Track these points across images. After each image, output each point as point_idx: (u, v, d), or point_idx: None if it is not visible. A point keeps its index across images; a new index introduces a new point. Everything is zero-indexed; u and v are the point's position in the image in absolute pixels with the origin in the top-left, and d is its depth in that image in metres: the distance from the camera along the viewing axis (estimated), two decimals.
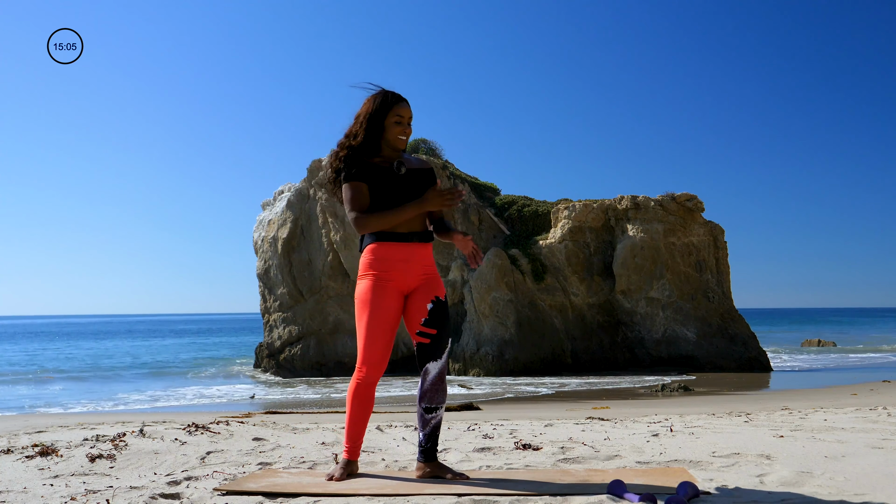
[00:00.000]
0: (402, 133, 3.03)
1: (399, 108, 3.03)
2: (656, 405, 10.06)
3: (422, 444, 3.07)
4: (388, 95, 3.05)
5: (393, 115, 3.02)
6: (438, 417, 3.06)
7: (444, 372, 3.07)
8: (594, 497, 2.61)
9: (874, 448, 3.63)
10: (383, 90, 3.08)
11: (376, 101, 3.04)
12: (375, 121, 3.02)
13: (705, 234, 20.80)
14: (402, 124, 3.03)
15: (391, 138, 3.04)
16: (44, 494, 2.84)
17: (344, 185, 3.01)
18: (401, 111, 3.03)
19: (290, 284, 22.35)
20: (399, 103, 3.04)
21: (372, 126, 3.02)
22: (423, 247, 3.05)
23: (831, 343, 34.26)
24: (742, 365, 19.65)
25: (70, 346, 42.60)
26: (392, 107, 3.03)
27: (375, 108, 3.02)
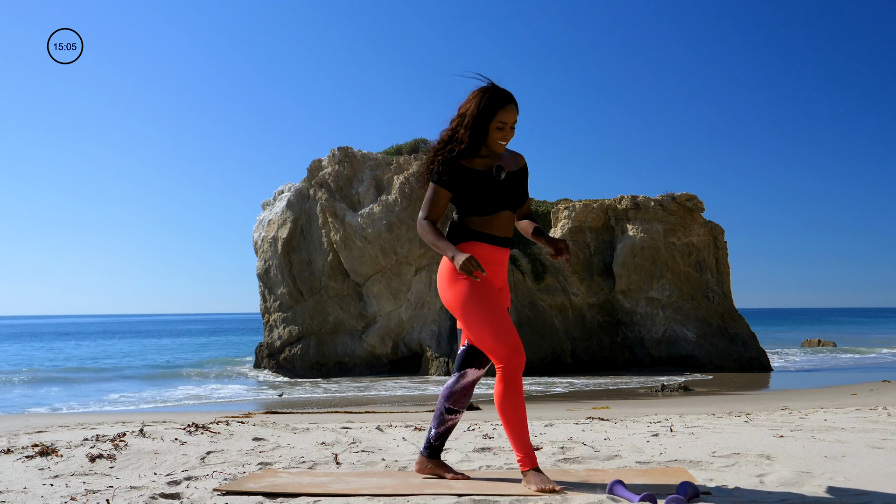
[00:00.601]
0: (502, 139, 2.89)
1: (504, 113, 2.86)
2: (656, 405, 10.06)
3: (430, 441, 3.05)
4: (495, 97, 2.87)
5: (496, 121, 2.86)
6: (456, 421, 3.04)
7: (478, 380, 3.03)
8: (594, 497, 2.61)
9: (874, 448, 3.63)
10: (490, 89, 2.89)
11: (482, 101, 2.86)
12: (479, 124, 2.87)
13: (705, 234, 20.80)
14: (505, 130, 2.88)
15: (491, 142, 2.90)
16: (44, 494, 2.84)
17: (430, 185, 2.93)
18: (505, 117, 2.86)
19: (290, 284, 22.36)
20: (505, 107, 2.86)
21: (474, 130, 2.87)
22: (507, 252, 3.03)
23: (831, 343, 34.25)
24: (742, 365, 19.65)
25: (70, 346, 42.60)
26: (497, 111, 2.85)
27: (480, 110, 2.86)
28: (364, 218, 20.94)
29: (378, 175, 21.51)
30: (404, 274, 21.07)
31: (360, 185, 21.59)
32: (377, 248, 20.80)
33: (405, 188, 20.72)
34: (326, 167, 22.04)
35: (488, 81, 2.92)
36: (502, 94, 2.88)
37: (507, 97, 2.89)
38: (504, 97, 2.88)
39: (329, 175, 21.77)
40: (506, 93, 2.90)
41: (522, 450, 2.84)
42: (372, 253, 20.90)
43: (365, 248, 20.94)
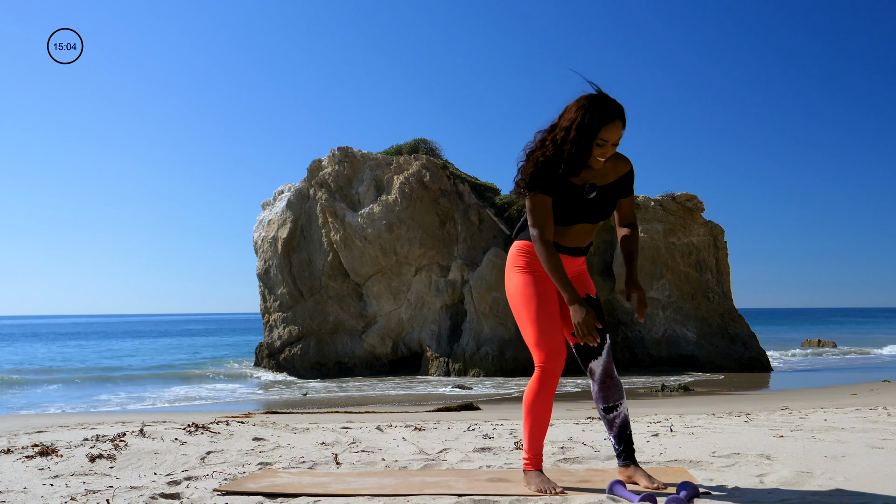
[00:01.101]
0: (601, 155, 2.69)
1: (608, 130, 2.64)
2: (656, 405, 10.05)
3: (615, 448, 2.88)
4: (602, 110, 2.64)
5: (598, 138, 2.65)
6: (622, 415, 2.84)
7: (611, 368, 2.85)
8: (594, 497, 2.61)
9: (874, 448, 3.63)
10: (598, 99, 2.66)
11: (587, 114, 2.64)
12: (581, 137, 2.66)
13: (705, 234, 20.80)
14: (605, 147, 2.67)
15: (591, 161, 2.73)
16: (44, 494, 2.84)
17: (528, 195, 2.74)
18: (608, 134, 2.64)
19: (290, 284, 22.35)
20: (610, 123, 2.64)
21: (575, 142, 2.67)
22: (580, 260, 2.93)
23: (831, 343, 34.24)
24: (742, 365, 19.65)
25: (70, 346, 42.60)
26: (601, 127, 2.63)
27: (585, 123, 2.64)
28: (364, 218, 20.93)
29: (378, 175, 21.50)
30: (404, 274, 21.06)
31: (360, 185, 21.59)
32: (377, 248, 20.80)
33: (405, 188, 20.72)
34: (326, 167, 22.04)
35: (596, 89, 2.70)
36: (608, 109, 2.65)
37: (614, 112, 2.65)
38: (610, 112, 2.64)
39: (329, 175, 21.77)
40: (613, 106, 2.66)
41: (532, 451, 2.83)
42: (372, 253, 20.90)
43: (365, 248, 20.93)
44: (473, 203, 21.50)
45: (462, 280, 20.33)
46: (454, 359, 19.89)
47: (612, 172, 2.82)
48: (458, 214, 21.17)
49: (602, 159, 2.71)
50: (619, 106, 2.67)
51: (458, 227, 21.08)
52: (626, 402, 2.88)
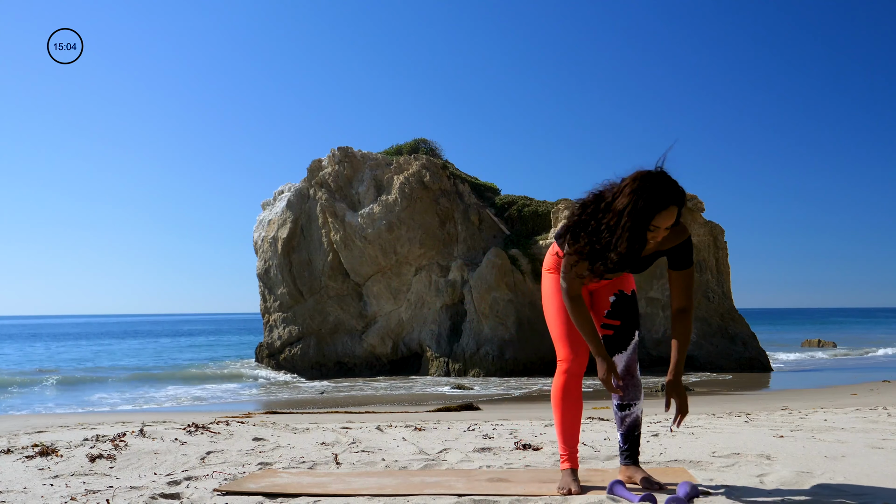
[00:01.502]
0: (651, 239, 2.55)
1: (661, 217, 2.48)
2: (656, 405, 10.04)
3: (620, 446, 2.89)
4: (658, 197, 2.46)
5: (651, 224, 2.50)
6: (633, 416, 2.84)
7: (634, 366, 2.84)
8: (594, 497, 2.61)
9: (874, 448, 3.63)
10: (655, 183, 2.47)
11: (641, 201, 2.46)
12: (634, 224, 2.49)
13: (705, 234, 20.80)
14: (657, 231, 2.53)
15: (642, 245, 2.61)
16: (44, 494, 2.84)
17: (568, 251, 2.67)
18: (661, 220, 2.49)
19: (290, 284, 22.35)
20: (664, 210, 2.47)
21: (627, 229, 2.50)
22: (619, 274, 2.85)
23: (831, 343, 34.24)
24: (742, 365, 19.65)
25: (70, 346, 42.58)
26: (654, 215, 2.47)
27: (638, 209, 2.47)
28: (364, 218, 20.93)
29: (378, 175, 21.50)
30: (404, 274, 21.06)
31: (360, 185, 21.58)
32: (377, 248, 20.79)
33: (405, 188, 20.71)
34: (326, 167, 22.03)
35: (657, 167, 2.53)
36: (665, 195, 2.47)
37: (668, 199, 2.47)
38: (665, 199, 2.46)
39: (329, 175, 21.76)
40: (670, 192, 2.48)
41: (564, 449, 2.82)
42: (372, 253, 20.89)
43: (365, 248, 20.93)
44: (473, 203, 21.50)
45: (462, 280, 20.33)
46: (454, 359, 19.89)
47: (657, 245, 2.67)
48: (458, 214, 21.17)
49: (652, 242, 2.58)
50: (677, 190, 2.50)
51: (458, 227, 21.08)
52: (642, 403, 2.88)
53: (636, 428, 2.86)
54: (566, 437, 2.81)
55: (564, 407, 2.79)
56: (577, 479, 2.76)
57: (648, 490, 2.72)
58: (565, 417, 2.80)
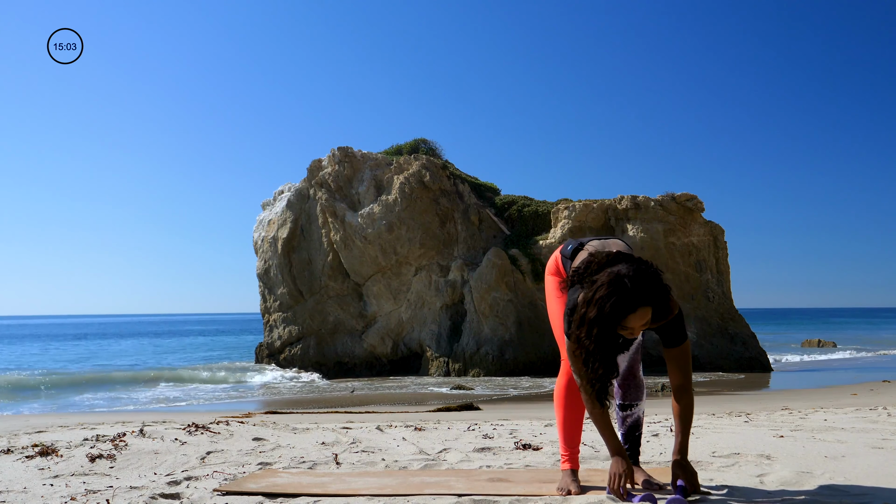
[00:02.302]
0: (629, 335, 2.47)
1: (632, 319, 2.38)
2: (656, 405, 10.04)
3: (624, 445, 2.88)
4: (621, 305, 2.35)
5: (621, 326, 2.41)
6: (634, 416, 2.83)
7: (636, 366, 2.81)
8: (594, 497, 2.61)
9: (874, 448, 3.63)
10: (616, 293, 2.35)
11: (605, 309, 2.37)
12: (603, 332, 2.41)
13: (705, 234, 20.80)
14: (632, 331, 2.43)
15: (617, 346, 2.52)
16: (44, 494, 2.84)
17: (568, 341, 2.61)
18: (632, 322, 2.39)
19: (290, 284, 22.35)
20: (633, 314, 2.37)
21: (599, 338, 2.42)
22: None
23: (831, 343, 34.24)
24: (742, 365, 19.65)
25: (70, 346, 42.59)
26: (623, 318, 2.38)
27: (604, 316, 2.38)
28: (364, 218, 20.93)
29: (378, 175, 21.50)
30: (404, 274, 21.06)
31: (360, 185, 21.58)
32: (377, 248, 20.79)
33: (405, 188, 20.72)
34: (326, 167, 22.03)
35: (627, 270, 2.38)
36: (629, 300, 2.35)
37: (636, 301, 2.35)
38: (631, 302, 2.35)
39: (329, 175, 21.76)
40: (635, 295, 2.35)
41: (565, 450, 2.81)
42: (372, 253, 20.89)
43: (365, 248, 20.93)
44: (473, 203, 21.49)
45: (462, 280, 20.33)
46: (454, 359, 19.89)
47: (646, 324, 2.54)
48: (458, 214, 21.16)
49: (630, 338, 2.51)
50: (651, 291, 2.36)
51: (458, 227, 21.08)
52: (644, 404, 2.87)
53: (637, 428, 2.86)
54: (567, 437, 2.80)
55: (566, 407, 2.78)
56: (577, 480, 2.76)
57: (649, 491, 2.71)
58: (567, 418, 2.79)
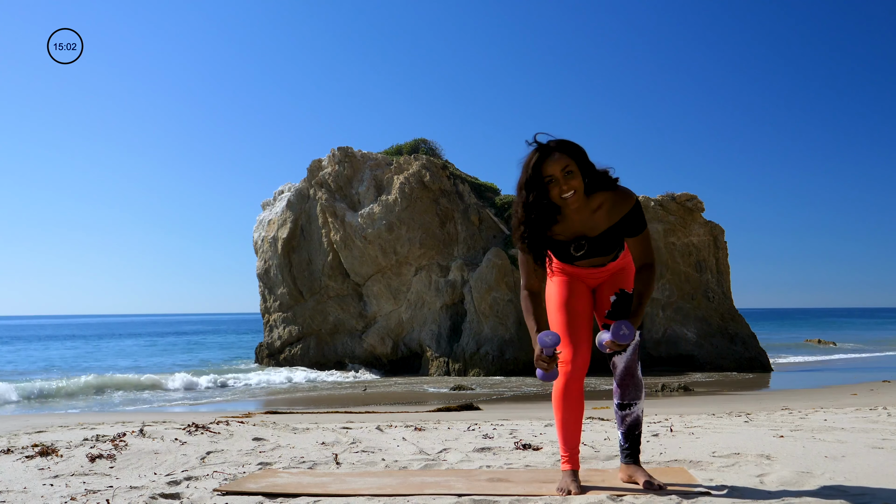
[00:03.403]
0: (559, 193, 2.62)
1: (547, 166, 2.60)
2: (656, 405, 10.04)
3: (621, 444, 2.92)
4: (529, 160, 2.64)
5: (545, 180, 2.62)
6: (633, 415, 2.84)
7: (633, 366, 2.83)
8: (594, 497, 2.61)
9: (874, 448, 3.63)
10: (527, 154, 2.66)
11: (522, 172, 2.66)
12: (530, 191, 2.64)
13: (705, 234, 20.80)
14: (556, 182, 2.61)
15: (557, 203, 2.66)
16: (44, 494, 2.84)
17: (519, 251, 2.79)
18: (547, 170, 2.61)
19: (290, 284, 22.35)
20: (543, 163, 2.61)
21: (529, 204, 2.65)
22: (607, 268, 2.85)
23: (831, 343, 34.25)
24: (742, 365, 19.64)
25: (70, 346, 42.59)
26: (539, 171, 2.62)
27: (525, 180, 2.65)
28: (364, 218, 20.93)
29: (378, 175, 21.50)
30: (404, 274, 21.06)
31: (360, 185, 21.58)
32: (377, 248, 20.79)
33: (405, 188, 20.72)
34: (326, 167, 22.03)
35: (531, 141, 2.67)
36: (535, 152, 2.63)
37: (542, 150, 2.62)
38: (537, 152, 2.62)
39: (329, 175, 21.76)
40: (539, 147, 2.63)
41: (565, 450, 2.83)
42: (372, 253, 20.89)
43: (365, 248, 20.93)
44: (473, 203, 21.50)
45: (462, 280, 20.33)
46: (454, 359, 19.89)
47: (606, 219, 2.71)
48: (458, 214, 21.16)
49: (566, 197, 2.61)
50: (548, 143, 2.63)
51: (458, 227, 21.08)
52: (643, 403, 2.88)
53: (636, 427, 2.86)
54: (566, 437, 2.81)
55: (565, 407, 2.79)
56: (577, 480, 2.76)
57: (649, 491, 2.72)
58: (565, 418, 2.80)
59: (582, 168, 2.64)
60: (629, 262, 2.89)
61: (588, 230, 2.73)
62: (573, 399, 2.78)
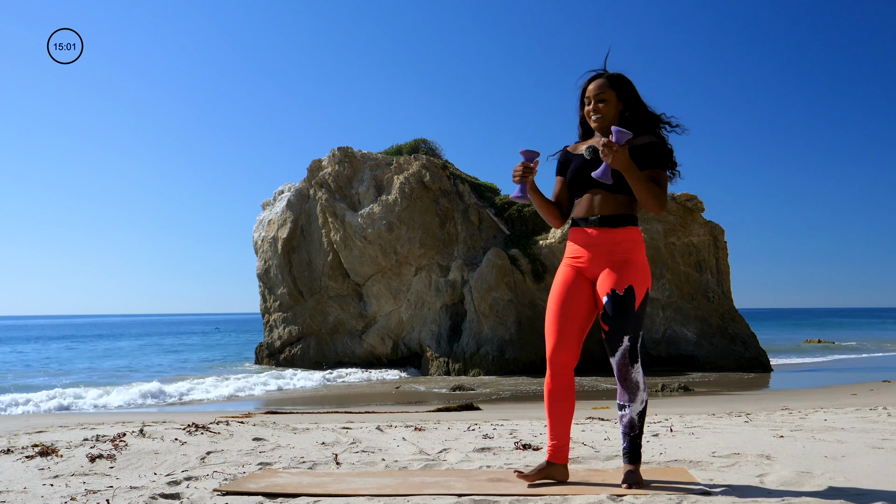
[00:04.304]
0: (588, 113, 2.93)
1: (586, 88, 2.95)
2: (656, 405, 10.05)
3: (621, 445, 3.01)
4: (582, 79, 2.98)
5: (584, 99, 2.97)
6: (627, 417, 2.83)
7: (625, 369, 2.81)
8: (594, 497, 2.62)
9: (874, 448, 3.63)
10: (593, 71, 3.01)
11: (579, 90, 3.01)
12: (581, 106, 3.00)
13: (705, 234, 20.80)
14: (591, 104, 2.92)
15: (589, 122, 2.96)
16: (44, 494, 2.84)
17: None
18: (587, 92, 2.94)
19: (290, 284, 22.35)
20: (586, 84, 2.96)
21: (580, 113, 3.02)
22: (609, 232, 2.84)
23: (831, 343, 34.25)
24: (742, 365, 19.64)
25: (69, 346, 42.59)
26: (582, 91, 2.97)
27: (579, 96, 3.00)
28: (364, 218, 20.93)
29: (378, 175, 21.50)
30: (404, 274, 21.06)
31: (360, 185, 21.58)
32: (377, 248, 20.79)
33: (405, 188, 20.72)
34: (326, 167, 22.03)
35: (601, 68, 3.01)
36: (586, 74, 2.96)
37: (587, 74, 2.96)
38: (585, 76, 2.96)
39: (329, 175, 21.77)
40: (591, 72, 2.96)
41: (550, 441, 2.91)
42: (372, 253, 20.89)
43: (365, 248, 20.93)
44: (473, 203, 21.49)
45: (462, 280, 20.33)
46: (454, 359, 19.89)
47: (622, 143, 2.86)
48: (458, 214, 21.16)
49: (593, 116, 2.89)
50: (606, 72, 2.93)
51: (458, 227, 21.08)
52: (639, 406, 2.83)
53: (631, 429, 2.85)
54: (553, 429, 2.91)
55: (550, 401, 2.89)
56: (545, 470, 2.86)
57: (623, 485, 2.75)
58: (551, 412, 2.90)
59: (625, 100, 2.90)
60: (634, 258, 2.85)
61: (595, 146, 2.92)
62: (558, 392, 2.87)
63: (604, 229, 2.84)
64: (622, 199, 2.85)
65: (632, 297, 2.80)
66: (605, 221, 2.83)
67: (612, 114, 2.88)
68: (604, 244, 2.84)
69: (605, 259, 2.84)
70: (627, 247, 2.83)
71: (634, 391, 2.83)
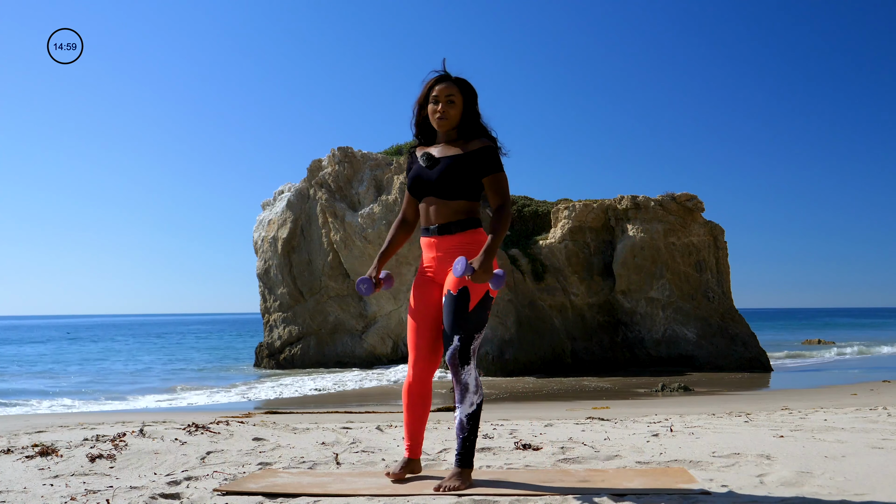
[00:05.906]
0: (434, 112, 2.88)
1: (432, 88, 2.89)
2: (656, 405, 10.05)
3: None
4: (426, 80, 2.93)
5: (430, 99, 2.91)
6: (457, 417, 2.86)
7: (455, 368, 2.81)
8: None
9: (874, 448, 3.63)
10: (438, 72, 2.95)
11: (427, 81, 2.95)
12: (420, 107, 2.97)
13: (705, 234, 20.80)
14: (437, 103, 2.87)
15: (433, 124, 2.93)
16: (44, 494, 2.84)
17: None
18: (434, 90, 2.88)
19: (290, 284, 22.35)
20: (433, 84, 2.90)
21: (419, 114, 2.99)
22: (448, 239, 2.92)
23: (831, 343, 34.25)
24: (742, 365, 19.64)
25: (69, 346, 42.60)
26: (427, 91, 2.91)
27: (420, 97, 2.96)
28: (364, 218, 20.94)
29: (378, 175, 21.51)
30: (404, 274, 21.07)
31: (360, 185, 21.59)
32: (377, 248, 20.79)
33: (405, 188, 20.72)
34: (326, 167, 22.04)
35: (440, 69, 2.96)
36: (436, 72, 2.91)
37: (439, 74, 2.90)
38: (432, 75, 2.91)
39: (329, 175, 21.77)
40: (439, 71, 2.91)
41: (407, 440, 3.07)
42: (372, 253, 20.90)
43: (365, 248, 20.94)
44: None
45: None
46: None
47: (459, 149, 2.90)
48: None
49: (436, 116, 2.85)
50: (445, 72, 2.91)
51: None
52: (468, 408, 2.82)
53: (461, 430, 2.84)
54: (410, 429, 3.04)
55: (409, 405, 3.02)
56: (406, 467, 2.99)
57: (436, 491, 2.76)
58: (410, 414, 3.02)
59: (466, 107, 2.88)
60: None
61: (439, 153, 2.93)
62: (414, 397, 2.98)
63: (443, 237, 2.94)
64: (457, 206, 2.92)
65: (466, 298, 2.86)
66: (444, 229, 2.93)
67: (457, 118, 2.88)
68: (445, 250, 2.94)
69: (449, 263, 2.94)
70: (468, 249, 2.91)
71: (464, 392, 2.83)
